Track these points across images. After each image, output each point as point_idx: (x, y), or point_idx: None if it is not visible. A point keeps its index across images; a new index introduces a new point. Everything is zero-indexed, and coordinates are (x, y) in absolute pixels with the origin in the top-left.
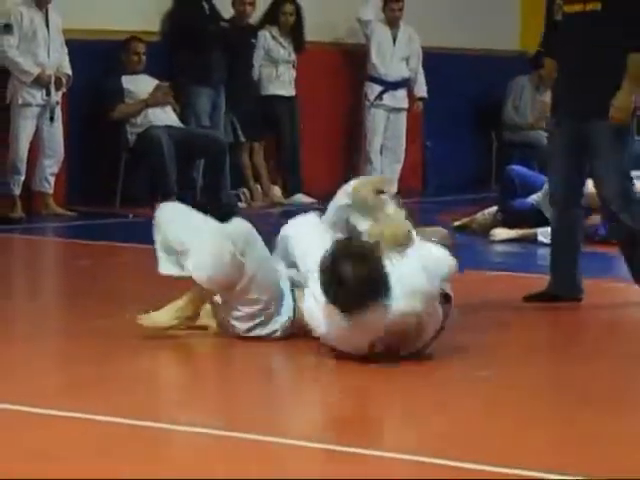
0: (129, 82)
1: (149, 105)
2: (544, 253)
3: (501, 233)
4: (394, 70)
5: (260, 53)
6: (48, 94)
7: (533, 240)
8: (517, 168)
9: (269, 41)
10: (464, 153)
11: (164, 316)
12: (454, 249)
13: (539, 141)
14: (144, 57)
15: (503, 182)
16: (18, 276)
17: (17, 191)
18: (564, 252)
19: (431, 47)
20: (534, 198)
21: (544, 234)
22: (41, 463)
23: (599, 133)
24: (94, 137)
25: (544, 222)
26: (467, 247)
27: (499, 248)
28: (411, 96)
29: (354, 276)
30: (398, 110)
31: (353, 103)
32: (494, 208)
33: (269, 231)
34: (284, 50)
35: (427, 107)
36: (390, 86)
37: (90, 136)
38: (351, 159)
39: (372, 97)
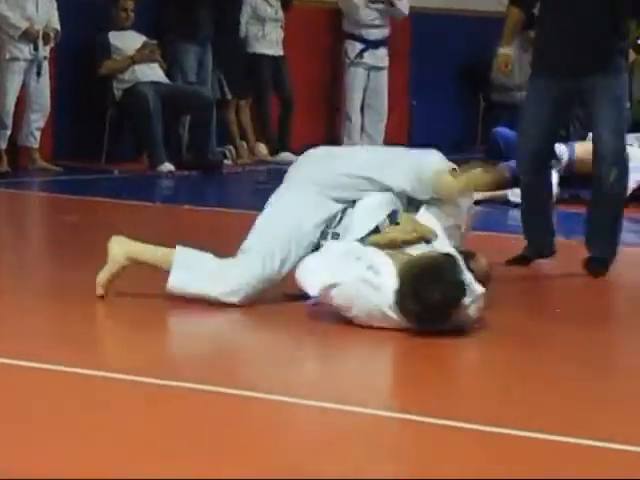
0: (116, 38)
1: (135, 62)
2: (515, 214)
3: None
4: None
5: (247, 10)
6: (36, 49)
7: (504, 201)
8: (502, 130)
9: None
10: (451, 113)
11: None
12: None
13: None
14: (132, 14)
15: (488, 144)
16: (3, 230)
17: (3, 145)
18: (537, 216)
19: (419, 7)
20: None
21: (514, 194)
22: (23, 417)
23: (600, 87)
24: (81, 92)
25: None
26: None
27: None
28: (391, 54)
29: (440, 300)
30: (378, 68)
31: (335, 61)
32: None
33: (255, 189)
34: (271, 8)
35: (414, 66)
36: (370, 44)
37: (77, 91)
38: (332, 117)
39: (352, 55)
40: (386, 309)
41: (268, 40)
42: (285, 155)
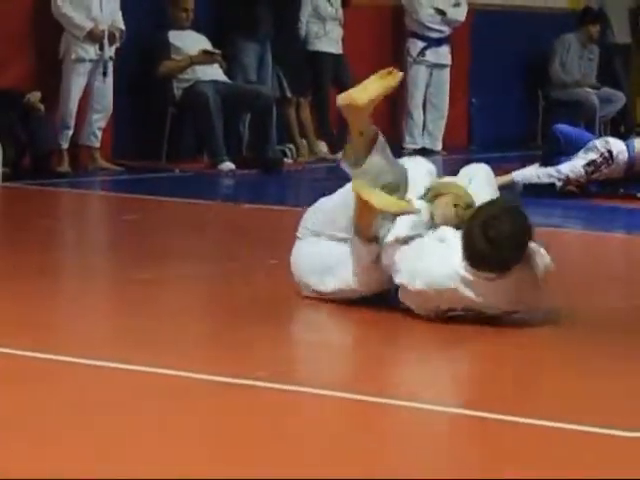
0: (176, 38)
1: (194, 63)
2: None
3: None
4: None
5: (307, 9)
6: (102, 49)
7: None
8: (562, 127)
9: None
10: (510, 110)
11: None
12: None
13: (586, 98)
14: (192, 13)
15: (548, 141)
16: (65, 230)
17: (65, 145)
18: None
19: (480, 4)
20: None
21: (519, 175)
22: (84, 414)
23: None
24: (141, 92)
25: None
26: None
27: None
28: (454, 52)
29: (510, 230)
30: (441, 66)
31: (397, 59)
32: (535, 165)
33: (315, 187)
34: (331, 7)
35: (474, 64)
36: (433, 42)
37: (137, 91)
38: (394, 115)
39: (414, 53)
40: (458, 268)
41: (329, 38)
42: None
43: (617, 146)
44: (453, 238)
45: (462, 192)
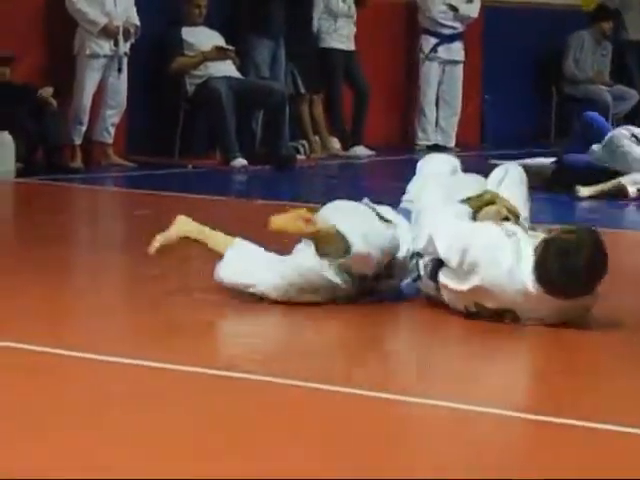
0: (189, 34)
1: (207, 59)
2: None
3: (587, 189)
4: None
5: (319, 6)
6: (116, 45)
7: (619, 192)
8: (593, 114)
9: None
10: (524, 107)
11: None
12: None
13: (600, 95)
14: (205, 10)
15: (580, 127)
16: (77, 225)
17: (78, 141)
18: None
19: (492, 1)
20: (593, 149)
21: (630, 181)
22: (96, 410)
23: None
24: (154, 88)
25: (598, 179)
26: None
27: (584, 204)
28: (466, 48)
29: (591, 265)
30: (454, 63)
31: (410, 56)
32: (547, 160)
33: (328, 183)
34: (343, 4)
35: (487, 61)
36: (445, 39)
37: (150, 87)
38: (406, 112)
39: (427, 50)
40: (526, 279)
41: (339, 34)
42: (358, 149)
43: (636, 130)
44: (523, 237)
45: (507, 203)
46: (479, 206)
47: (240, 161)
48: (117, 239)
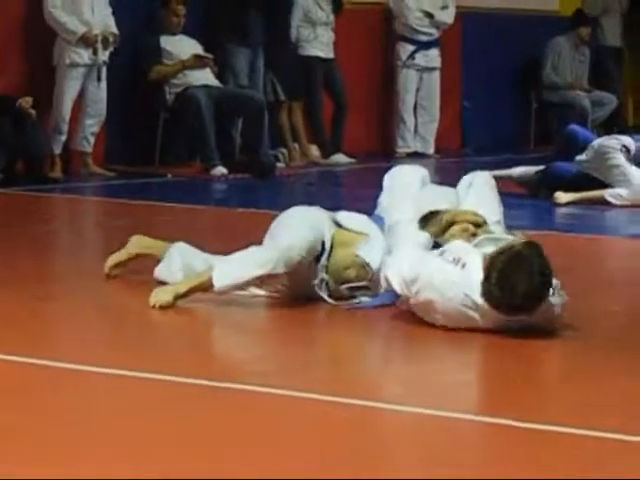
0: (167, 42)
1: (186, 68)
2: (613, 214)
3: (565, 196)
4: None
5: (298, 13)
6: (95, 54)
7: (600, 202)
8: (576, 127)
9: (308, 2)
10: (503, 113)
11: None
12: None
13: (578, 101)
14: (183, 19)
15: (564, 139)
16: (58, 235)
17: (57, 151)
18: None
19: (470, 7)
20: (580, 159)
21: (613, 195)
22: (79, 420)
23: None
24: (133, 97)
25: (585, 187)
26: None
27: (563, 210)
28: (443, 55)
29: (527, 287)
30: (430, 69)
31: (387, 63)
32: (532, 168)
33: (308, 191)
34: (322, 12)
35: (466, 67)
36: (422, 46)
37: (129, 96)
38: (385, 119)
39: (404, 57)
40: (477, 297)
41: (319, 42)
42: (337, 157)
43: (626, 140)
44: (470, 259)
45: (471, 215)
46: (441, 230)
47: (220, 169)
48: (96, 248)
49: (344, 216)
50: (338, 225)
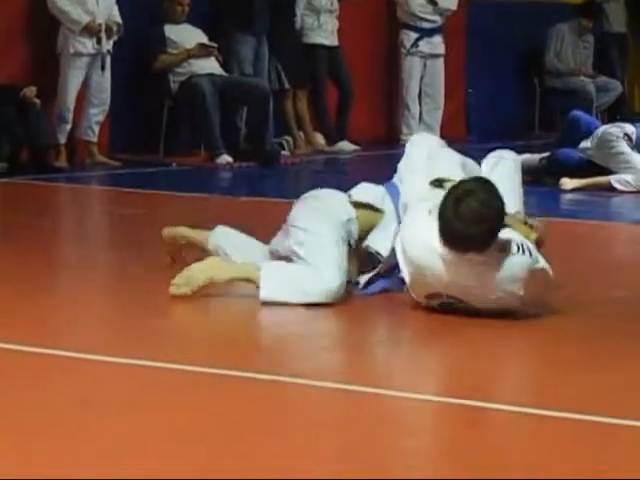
0: (172, 32)
1: (191, 57)
2: (619, 200)
3: (571, 182)
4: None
5: (302, 1)
6: (99, 43)
7: (606, 188)
8: (579, 113)
9: None
10: (507, 100)
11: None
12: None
13: (583, 87)
14: (187, 7)
15: (568, 126)
16: (63, 225)
17: (62, 140)
18: None
19: None
20: (584, 146)
21: (619, 181)
22: (83, 410)
23: None
24: (137, 86)
25: (590, 173)
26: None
27: (569, 196)
28: (447, 42)
29: (483, 209)
30: (435, 56)
31: (392, 50)
32: (537, 155)
33: (313, 179)
34: (326, 0)
35: (470, 54)
36: (426, 33)
37: (133, 85)
38: (390, 107)
39: (408, 44)
40: (435, 241)
41: (324, 30)
42: (343, 144)
43: (628, 127)
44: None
45: None
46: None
47: (225, 158)
48: (103, 238)
49: (359, 192)
50: (355, 205)
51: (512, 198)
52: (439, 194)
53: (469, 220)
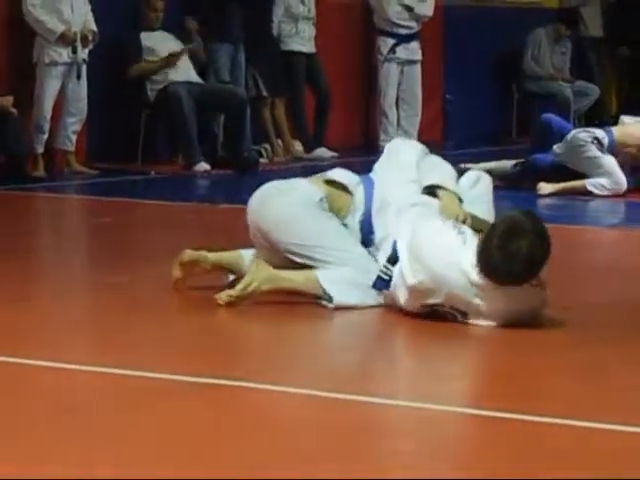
0: (147, 39)
1: (164, 67)
2: (596, 205)
3: (548, 187)
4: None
5: (280, 9)
6: (74, 52)
7: (582, 192)
8: (551, 116)
9: None
10: (485, 105)
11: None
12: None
13: (561, 91)
14: (161, 14)
15: (539, 130)
16: (40, 234)
17: (40, 150)
18: None
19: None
20: (556, 151)
21: (594, 185)
22: (64, 416)
23: None
24: (114, 94)
25: (564, 177)
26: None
27: (546, 201)
28: (424, 48)
29: (528, 250)
30: (412, 62)
31: (369, 57)
32: (511, 162)
33: None
34: (303, 6)
35: (447, 60)
36: (402, 39)
37: (110, 93)
38: (367, 113)
39: (385, 51)
40: (474, 276)
41: (301, 37)
42: (320, 151)
43: (598, 132)
44: (470, 235)
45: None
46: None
47: (202, 166)
48: (81, 247)
49: (335, 173)
50: (329, 182)
51: (488, 214)
52: (433, 203)
53: (517, 261)
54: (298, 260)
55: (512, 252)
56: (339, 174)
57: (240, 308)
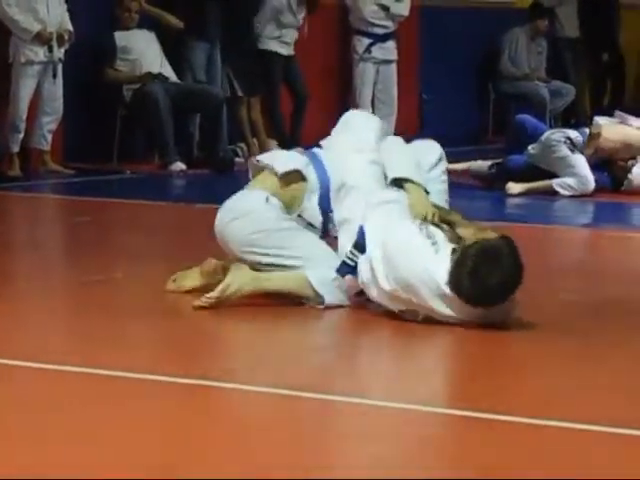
0: (122, 38)
1: (138, 82)
2: (562, 204)
3: (516, 186)
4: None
5: (266, 15)
6: (50, 51)
7: (551, 192)
8: (525, 117)
9: (282, 5)
10: (461, 105)
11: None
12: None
13: (537, 91)
14: (136, 15)
15: (514, 131)
16: (17, 233)
17: (15, 149)
18: None
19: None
20: (530, 151)
21: (561, 185)
22: (45, 415)
23: None
24: (90, 93)
25: (538, 177)
26: (484, 199)
27: (516, 201)
28: (400, 47)
29: (498, 283)
30: (388, 62)
31: (346, 56)
32: (487, 162)
33: None
34: (294, 18)
35: (423, 60)
36: (378, 38)
37: (86, 92)
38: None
39: (360, 50)
40: (444, 286)
41: (281, 41)
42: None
43: (571, 132)
44: (443, 245)
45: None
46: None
47: (178, 165)
48: (57, 246)
49: (281, 162)
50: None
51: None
52: (403, 200)
53: (489, 288)
54: (273, 269)
55: (484, 279)
56: (285, 161)
57: (217, 310)
